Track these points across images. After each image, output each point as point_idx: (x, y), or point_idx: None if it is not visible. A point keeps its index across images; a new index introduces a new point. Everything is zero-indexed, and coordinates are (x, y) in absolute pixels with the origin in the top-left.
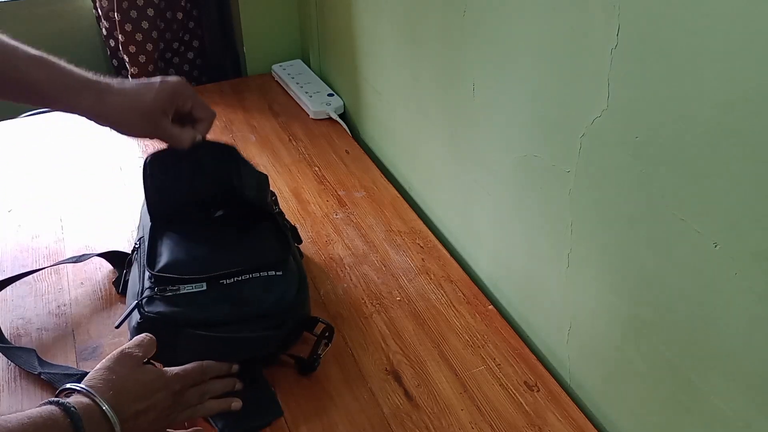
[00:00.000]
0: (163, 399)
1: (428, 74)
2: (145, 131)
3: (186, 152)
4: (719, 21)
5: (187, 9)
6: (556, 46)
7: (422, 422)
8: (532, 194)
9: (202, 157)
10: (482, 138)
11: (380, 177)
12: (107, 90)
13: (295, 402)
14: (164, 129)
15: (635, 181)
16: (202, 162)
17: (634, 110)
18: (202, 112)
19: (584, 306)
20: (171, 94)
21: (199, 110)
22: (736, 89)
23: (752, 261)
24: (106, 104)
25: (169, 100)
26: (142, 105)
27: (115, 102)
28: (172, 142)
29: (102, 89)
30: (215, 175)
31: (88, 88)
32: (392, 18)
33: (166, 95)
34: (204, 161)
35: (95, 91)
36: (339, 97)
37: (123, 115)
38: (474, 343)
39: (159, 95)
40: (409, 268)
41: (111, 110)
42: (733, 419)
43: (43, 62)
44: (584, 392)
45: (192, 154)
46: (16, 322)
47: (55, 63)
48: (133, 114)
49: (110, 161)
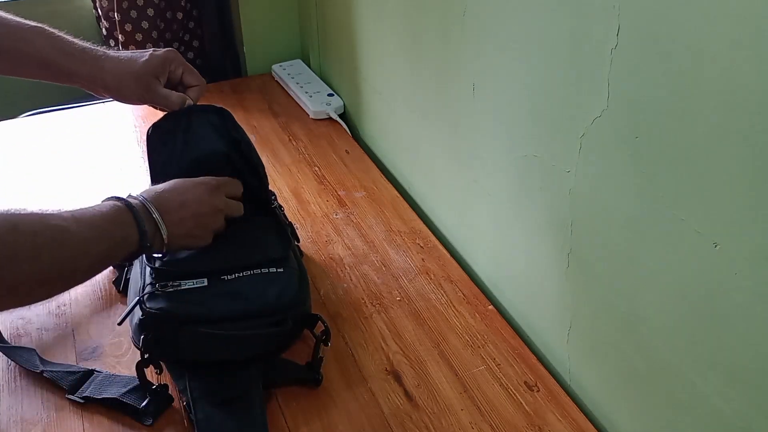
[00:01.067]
0: (201, 195)
1: (428, 74)
2: (138, 95)
3: (180, 116)
4: (719, 21)
5: (187, 9)
6: (556, 46)
7: (422, 422)
8: (532, 194)
9: (194, 122)
10: (482, 138)
11: (380, 177)
12: (104, 57)
13: (295, 402)
14: (156, 91)
15: (635, 181)
16: (195, 126)
17: (634, 110)
18: (193, 79)
19: (584, 306)
20: (163, 60)
21: (189, 77)
22: (736, 89)
23: (752, 261)
24: (103, 69)
25: (160, 66)
26: (136, 68)
27: (111, 67)
28: (164, 104)
29: (100, 56)
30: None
31: (87, 55)
32: (392, 18)
33: (158, 61)
34: (197, 125)
35: (94, 57)
36: (339, 97)
37: (118, 78)
38: (474, 343)
39: (151, 60)
40: (409, 268)
41: (108, 75)
42: (733, 419)
43: (44, 32)
44: (584, 392)
45: (185, 118)
46: (16, 322)
47: (55, 32)
48: (128, 77)
49: (110, 161)
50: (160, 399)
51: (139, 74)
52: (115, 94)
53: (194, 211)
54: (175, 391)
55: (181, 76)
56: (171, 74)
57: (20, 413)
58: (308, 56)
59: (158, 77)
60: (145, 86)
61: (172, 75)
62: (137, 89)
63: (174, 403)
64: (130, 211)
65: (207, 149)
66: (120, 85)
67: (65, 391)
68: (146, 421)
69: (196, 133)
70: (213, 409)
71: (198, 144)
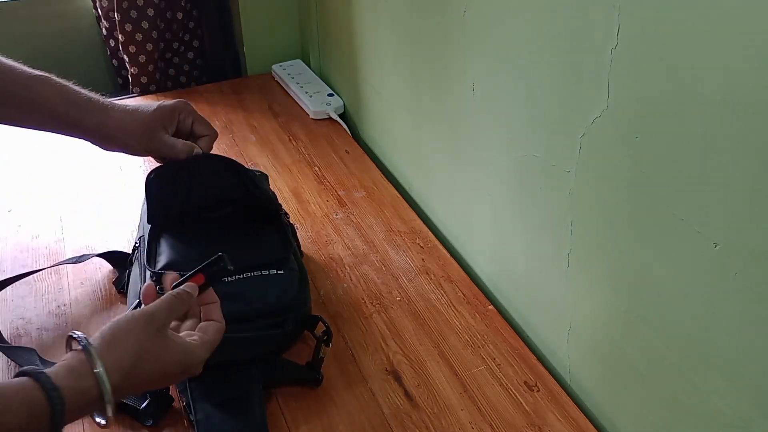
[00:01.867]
0: (179, 373)
1: (428, 74)
2: (143, 143)
3: (185, 164)
4: (719, 21)
5: (187, 9)
6: (556, 46)
7: (422, 422)
8: (532, 194)
9: (201, 168)
10: (482, 138)
11: (380, 177)
12: (111, 106)
13: (295, 402)
14: (162, 140)
15: (635, 181)
16: (201, 172)
17: (634, 110)
18: (204, 129)
19: (584, 306)
20: (171, 110)
21: (200, 127)
22: (736, 89)
23: (752, 261)
24: (109, 117)
25: (168, 115)
26: (143, 117)
27: (116, 116)
28: (171, 153)
29: (106, 105)
30: (215, 185)
31: (93, 104)
32: (392, 18)
33: (166, 110)
34: (203, 172)
35: (100, 107)
36: (339, 97)
37: (123, 126)
38: (474, 343)
39: (159, 110)
40: (409, 268)
41: (113, 122)
42: (733, 419)
43: (49, 80)
44: (584, 392)
45: (192, 166)
46: (16, 322)
47: (61, 81)
48: (133, 125)
49: (110, 161)
50: (160, 399)
51: (145, 122)
52: (120, 143)
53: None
54: (175, 392)
55: (191, 125)
56: (180, 123)
57: None
58: (308, 56)
59: (165, 127)
60: (150, 135)
61: (181, 125)
62: (142, 137)
63: (174, 404)
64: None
65: (219, 195)
66: (125, 133)
67: None
68: (146, 422)
69: (204, 178)
70: (213, 410)
71: (207, 189)
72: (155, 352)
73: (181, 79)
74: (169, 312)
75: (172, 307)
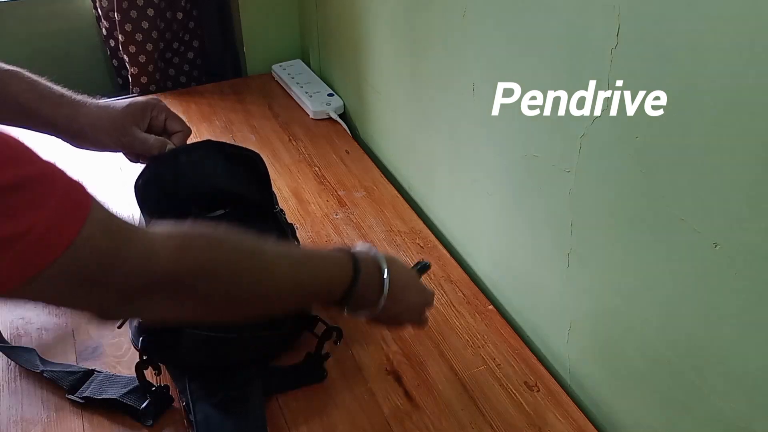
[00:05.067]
0: (420, 303)
1: (428, 74)
2: (115, 139)
3: (164, 159)
4: (719, 21)
5: (187, 9)
6: (556, 46)
7: (422, 422)
8: (532, 194)
9: (182, 161)
10: (482, 138)
11: (380, 177)
12: (82, 102)
13: (295, 402)
14: (133, 135)
15: (635, 181)
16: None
17: (634, 110)
18: (177, 125)
19: (584, 306)
20: (143, 106)
21: (173, 123)
22: (736, 89)
23: (752, 261)
24: (80, 114)
25: (140, 111)
26: (114, 113)
27: (88, 112)
28: (143, 148)
29: (77, 101)
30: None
31: (65, 99)
32: (392, 18)
33: (138, 106)
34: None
35: (71, 102)
36: (339, 97)
37: (96, 123)
38: (474, 343)
39: (131, 106)
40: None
41: (84, 118)
42: (733, 419)
43: (19, 74)
44: (584, 392)
45: (171, 160)
46: (16, 322)
47: (32, 76)
48: (105, 121)
49: (110, 161)
50: (160, 400)
51: (116, 118)
52: (91, 140)
53: (413, 299)
54: (175, 392)
55: (164, 122)
56: (153, 120)
57: (20, 413)
58: (308, 56)
59: (137, 123)
60: (122, 131)
61: (154, 120)
62: (114, 133)
63: (174, 404)
64: (352, 257)
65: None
66: (96, 129)
67: (65, 391)
68: (146, 422)
69: (186, 172)
70: (212, 410)
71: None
72: (419, 289)
73: (181, 79)
74: None
75: None
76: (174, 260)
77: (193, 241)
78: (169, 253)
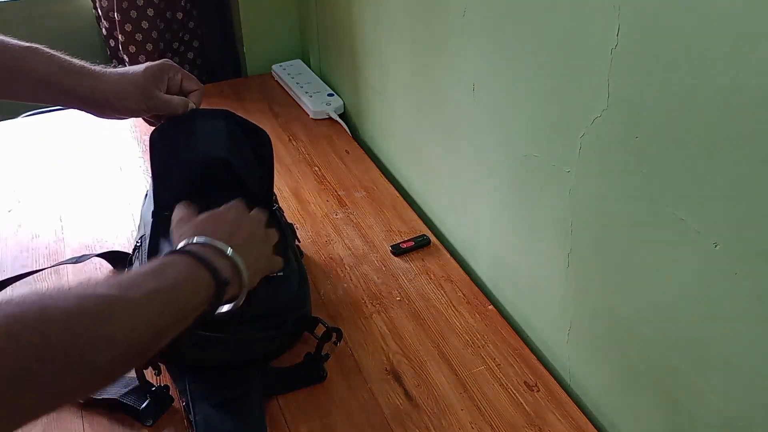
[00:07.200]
0: (255, 227)
1: (428, 74)
2: (141, 103)
3: (183, 119)
4: (719, 21)
5: (187, 9)
6: (556, 46)
7: (422, 422)
8: (532, 194)
9: (197, 126)
10: (482, 138)
11: (380, 177)
12: (103, 72)
13: (295, 402)
14: (158, 97)
15: (635, 181)
16: (198, 130)
17: (634, 110)
18: (192, 84)
19: (584, 306)
20: (159, 69)
21: (188, 83)
22: (736, 89)
23: (752, 261)
24: (103, 82)
25: (159, 73)
26: (136, 78)
27: (112, 80)
28: (168, 109)
29: (98, 71)
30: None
31: (86, 70)
32: (392, 18)
33: (155, 69)
34: (200, 129)
35: (92, 72)
36: (339, 97)
37: (120, 89)
38: (474, 343)
39: (149, 70)
40: (409, 268)
41: (108, 87)
42: (733, 419)
43: (38, 50)
44: (584, 392)
45: (188, 122)
46: None
47: (51, 51)
48: (130, 87)
49: (110, 161)
50: (160, 400)
51: (139, 83)
52: (117, 107)
53: (249, 232)
54: (175, 392)
55: (180, 82)
56: (170, 81)
57: None
58: (308, 56)
59: (158, 85)
60: (147, 94)
61: (171, 81)
62: (140, 98)
63: (174, 404)
64: (201, 261)
65: (207, 154)
66: (122, 95)
67: None
68: (146, 422)
69: (198, 137)
70: (212, 410)
71: (199, 148)
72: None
73: None
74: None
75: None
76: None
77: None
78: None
